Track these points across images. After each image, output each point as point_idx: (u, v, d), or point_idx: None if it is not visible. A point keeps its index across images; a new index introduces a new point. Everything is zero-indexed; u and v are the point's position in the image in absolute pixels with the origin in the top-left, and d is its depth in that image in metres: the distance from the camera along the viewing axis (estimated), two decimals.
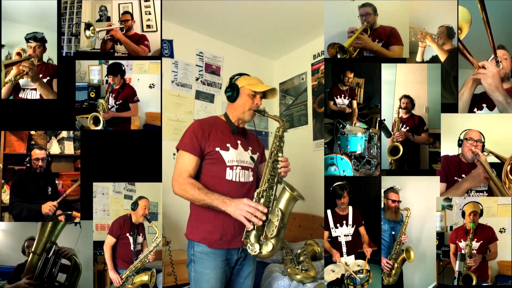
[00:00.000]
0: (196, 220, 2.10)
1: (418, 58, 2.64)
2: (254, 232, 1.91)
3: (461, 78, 2.54)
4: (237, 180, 2.08)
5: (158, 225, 2.79)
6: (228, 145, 2.09)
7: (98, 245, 2.69)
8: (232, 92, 2.14)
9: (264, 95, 2.19)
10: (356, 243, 2.74)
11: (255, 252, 1.90)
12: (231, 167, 2.07)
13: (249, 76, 2.20)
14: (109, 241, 2.72)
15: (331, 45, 2.65)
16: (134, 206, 2.76)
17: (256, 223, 1.87)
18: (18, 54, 2.61)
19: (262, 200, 1.95)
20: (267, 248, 1.90)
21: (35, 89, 2.62)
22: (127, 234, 2.75)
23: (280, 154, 2.04)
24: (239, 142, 2.15)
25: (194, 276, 2.07)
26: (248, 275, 2.19)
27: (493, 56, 2.40)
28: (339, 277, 2.62)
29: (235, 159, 2.09)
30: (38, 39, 2.60)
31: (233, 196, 1.98)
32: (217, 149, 2.06)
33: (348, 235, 2.72)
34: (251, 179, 2.15)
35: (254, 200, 1.94)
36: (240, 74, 2.21)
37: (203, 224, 2.06)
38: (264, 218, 1.88)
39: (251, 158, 2.16)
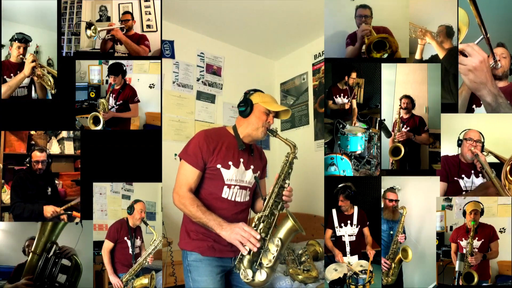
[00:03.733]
0: (187, 229, 2.08)
1: (417, 56, 2.63)
2: (248, 257, 1.83)
3: (460, 77, 2.53)
4: (233, 199, 2.07)
5: (157, 225, 2.78)
6: (230, 163, 2.05)
7: (96, 245, 2.69)
8: (246, 107, 2.07)
9: (277, 114, 2.13)
10: (360, 243, 2.75)
11: (247, 279, 1.83)
12: (229, 186, 2.05)
13: (263, 93, 2.14)
14: (107, 245, 2.72)
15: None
16: (130, 210, 2.76)
17: (251, 249, 1.81)
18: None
19: (261, 225, 1.89)
20: (261, 277, 1.82)
21: (24, 87, 2.63)
22: (125, 238, 2.75)
23: (287, 181, 1.99)
24: (242, 160, 2.09)
25: (192, 286, 2.04)
26: None
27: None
28: (341, 276, 2.62)
29: (234, 178, 2.06)
30: (23, 41, 2.59)
31: (226, 214, 1.97)
32: (218, 166, 2.02)
33: (352, 235, 2.72)
34: (247, 198, 2.14)
35: (254, 224, 1.90)
36: (255, 90, 2.15)
37: (194, 233, 2.05)
38: (258, 245, 1.81)
39: (255, 178, 2.10)
